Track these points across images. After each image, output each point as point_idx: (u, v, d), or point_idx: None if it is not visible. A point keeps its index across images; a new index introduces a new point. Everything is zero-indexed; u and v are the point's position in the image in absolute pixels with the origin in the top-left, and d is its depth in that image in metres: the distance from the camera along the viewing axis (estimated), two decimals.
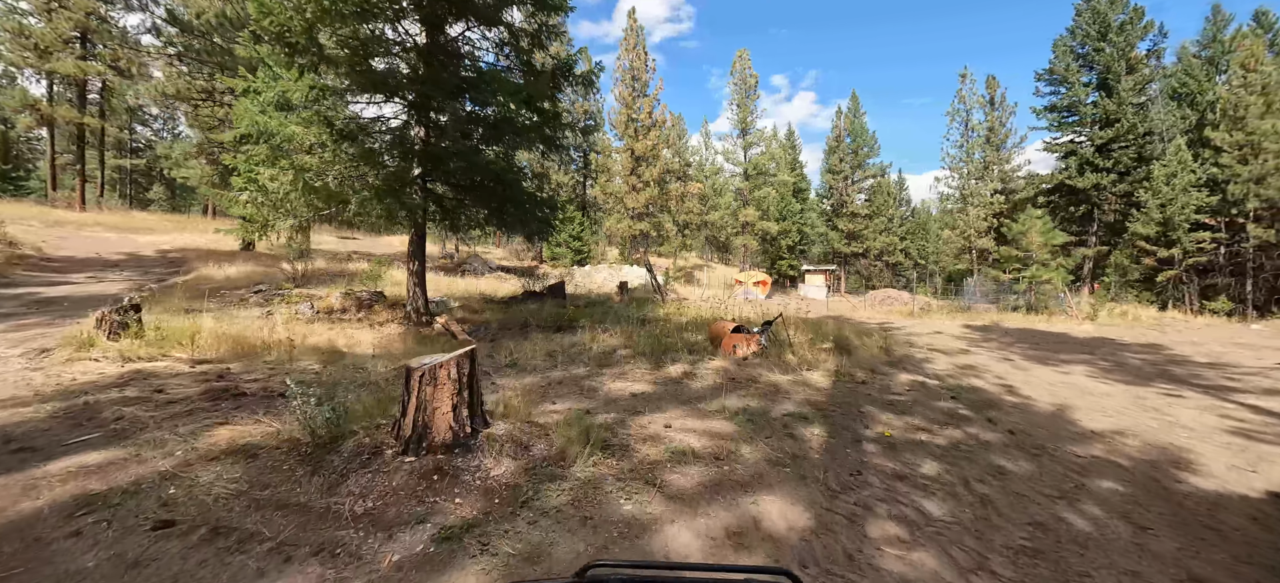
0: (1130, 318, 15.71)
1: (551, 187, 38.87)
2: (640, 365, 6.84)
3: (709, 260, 65.93)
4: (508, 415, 4.01)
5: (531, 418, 4.12)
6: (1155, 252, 27.19)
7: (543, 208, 10.75)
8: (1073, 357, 9.55)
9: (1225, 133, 28.02)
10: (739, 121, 40.04)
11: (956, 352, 9.35)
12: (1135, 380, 7.58)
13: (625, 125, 35.86)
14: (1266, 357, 9.90)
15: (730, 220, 45.43)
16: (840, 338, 8.51)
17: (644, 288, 23.42)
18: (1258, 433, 5.13)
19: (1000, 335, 12.50)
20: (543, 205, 10.78)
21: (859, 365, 7.21)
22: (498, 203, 10.26)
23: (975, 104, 37.89)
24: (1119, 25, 31.11)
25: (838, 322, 15.13)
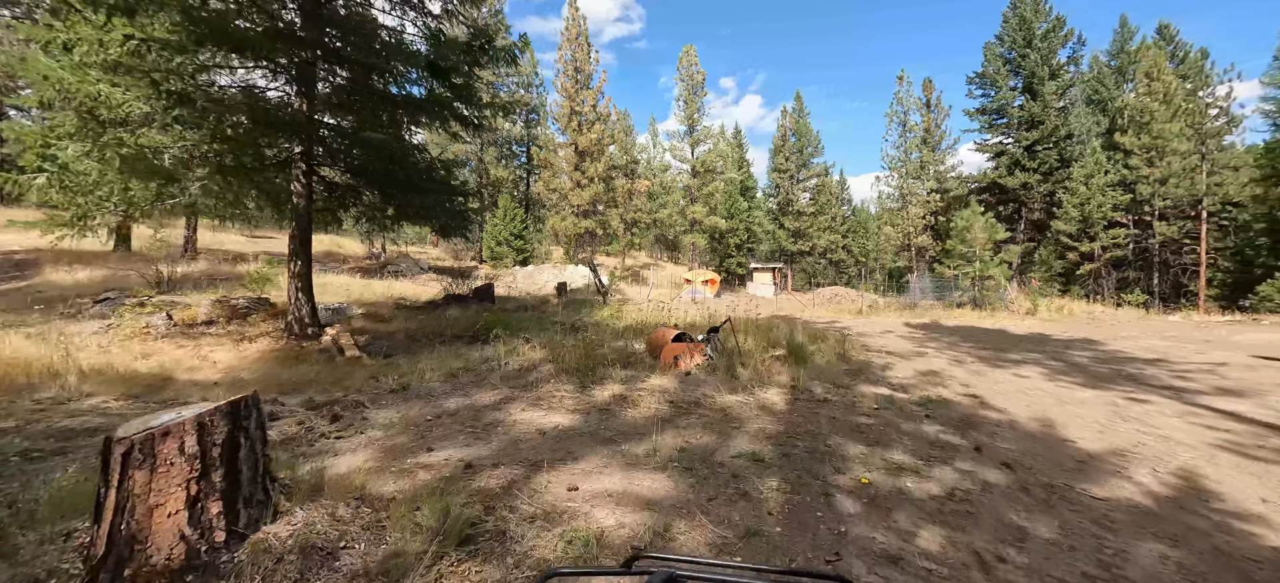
0: (1066, 312, 16.00)
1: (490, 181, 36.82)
2: (563, 387, 5.61)
3: (658, 259, 65.34)
4: (324, 492, 2.67)
5: (368, 489, 2.80)
6: (1077, 247, 28.68)
7: (453, 198, 9.27)
8: (1021, 355, 9.12)
9: (1133, 137, 29.92)
10: (686, 118, 39.42)
11: (912, 354, 8.69)
12: (1096, 383, 7.09)
13: (568, 119, 34.36)
14: (1201, 351, 9.87)
15: (679, 218, 44.80)
16: (794, 345, 7.60)
17: (588, 289, 22.11)
18: (1255, 450, 4.53)
19: (944, 334, 12.13)
20: (451, 194, 9.29)
21: (818, 378, 6.28)
22: (398, 191, 8.71)
23: (912, 106, 39.04)
24: (1042, 33, 32.70)
25: (788, 323, 14.44)
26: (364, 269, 23.46)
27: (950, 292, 17.21)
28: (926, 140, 38.23)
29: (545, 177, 34.71)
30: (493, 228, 34.63)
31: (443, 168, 10.18)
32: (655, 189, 50.87)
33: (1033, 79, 32.73)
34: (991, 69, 34.39)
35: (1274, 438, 4.86)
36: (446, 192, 9.93)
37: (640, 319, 11.16)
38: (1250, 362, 8.66)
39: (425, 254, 39.66)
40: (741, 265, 49.91)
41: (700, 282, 34.41)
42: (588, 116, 34.51)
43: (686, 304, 21.29)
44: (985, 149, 35.80)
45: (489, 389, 5.61)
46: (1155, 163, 28.89)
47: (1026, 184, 33.08)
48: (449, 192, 9.94)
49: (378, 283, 17.07)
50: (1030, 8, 32.96)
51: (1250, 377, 7.43)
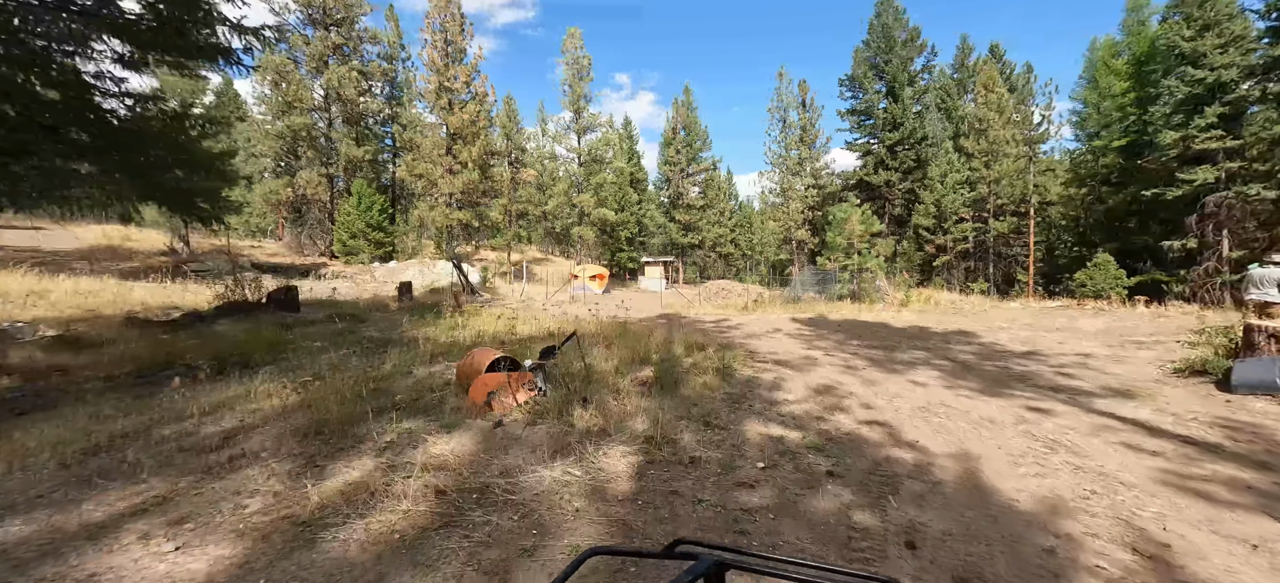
0: (932, 302, 16.52)
1: (339, 159, 31.67)
2: (277, 467, 3.34)
3: (549, 253, 62.47)
4: None
5: None
6: (934, 240, 31.23)
7: (177, 165, 6.37)
8: (911, 355, 8.39)
9: (974, 142, 33.24)
10: (572, 103, 37.18)
11: (802, 362, 7.48)
12: (993, 388, 6.29)
13: (437, 96, 30.49)
14: (1061, 341, 9.97)
15: (567, 210, 42.45)
16: (665, 363, 5.91)
17: (452, 289, 19.17)
18: (1203, 485, 3.59)
19: (831, 331, 11.42)
20: (174, 159, 6.39)
21: (689, 414, 4.60)
22: (78, 156, 5.66)
23: (791, 104, 40.43)
24: (902, 41, 35.23)
25: (670, 324, 13.02)
26: (153, 269, 18.26)
27: (830, 284, 17.14)
28: (804, 138, 39.82)
29: (408, 160, 30.50)
30: (345, 218, 29.77)
31: (189, 128, 7.12)
32: (543, 179, 48.03)
33: (895, 83, 35.19)
34: (859, 72, 36.47)
35: (1207, 461, 4.06)
36: (186, 163, 6.92)
37: (482, 331, 8.92)
38: (1112, 351, 8.69)
39: (260, 249, 33.35)
40: (633, 259, 48.99)
41: (588, 277, 32.53)
42: (459, 93, 30.90)
43: (566, 303, 19.26)
44: (855, 148, 38.02)
45: (123, 486, 3.15)
46: (991, 165, 32.34)
47: (889, 181, 35.57)
48: (186, 163, 6.93)
49: (143, 287, 12.86)
50: (891, 16, 35.36)
51: (1125, 371, 7.14)
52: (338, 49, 32.37)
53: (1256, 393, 5.63)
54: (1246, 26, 23.94)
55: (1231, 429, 4.78)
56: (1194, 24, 24.33)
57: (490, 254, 49.72)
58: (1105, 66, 31.08)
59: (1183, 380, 6.54)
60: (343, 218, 30.05)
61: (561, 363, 5.38)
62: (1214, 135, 23.38)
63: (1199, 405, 5.50)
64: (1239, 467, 3.97)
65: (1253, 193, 22.63)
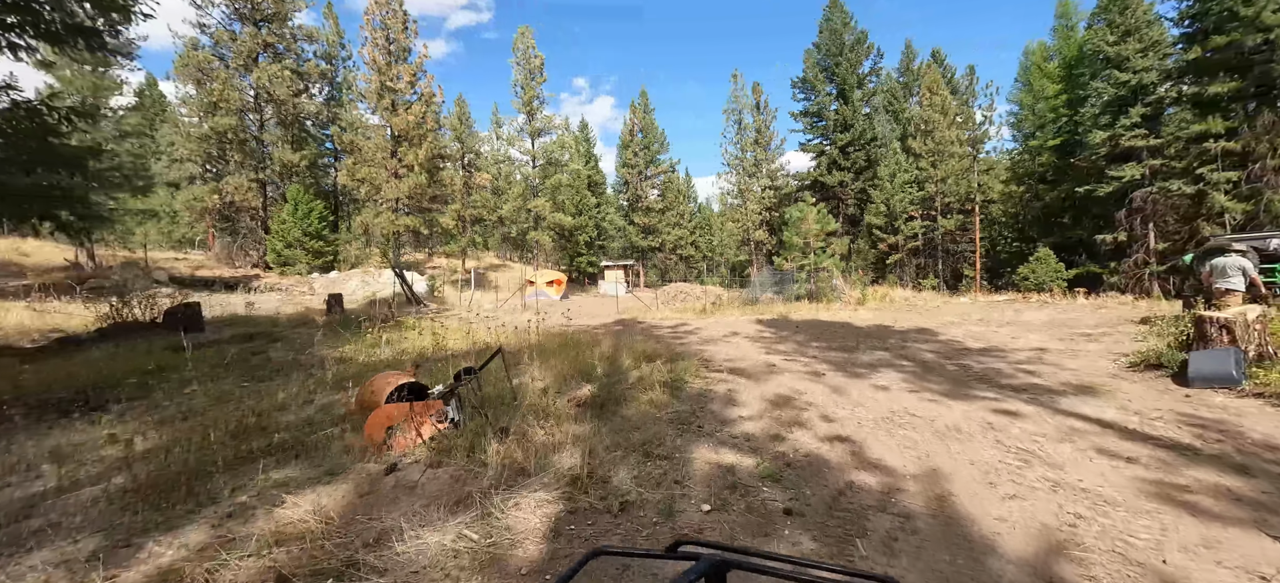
0: (887, 299, 16.57)
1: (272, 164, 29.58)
2: (67, 552, 2.50)
3: (507, 259, 60.85)
4: None
5: None
6: (886, 238, 31.90)
7: (27, 164, 5.33)
8: (873, 356, 8.08)
9: (921, 142, 34.23)
10: (524, 104, 36.12)
11: (761, 370, 6.99)
12: (956, 390, 5.97)
13: (379, 96, 28.90)
14: (1014, 335, 9.94)
15: (522, 213, 41.24)
16: (609, 378, 5.28)
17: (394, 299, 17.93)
18: (1188, 496, 3.25)
19: (793, 332, 11.08)
20: (24, 156, 5.35)
21: (626, 443, 3.98)
22: None
23: (746, 106, 40.70)
24: (850, 45, 35.98)
25: (625, 329, 12.39)
26: (51, 287, 16.23)
27: (789, 284, 16.98)
28: (759, 140, 40.13)
29: (349, 164, 28.76)
30: (280, 226, 27.77)
31: (50, 121, 5.98)
32: (499, 184, 46.57)
33: (844, 86, 35.89)
34: (811, 74, 37.03)
35: (1186, 466, 3.76)
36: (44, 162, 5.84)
37: (420, 346, 8.04)
38: (1064, 344, 8.64)
39: (184, 261, 30.77)
40: (592, 264, 48.16)
41: (545, 283, 31.54)
42: (403, 94, 29.41)
43: (518, 310, 18.34)
44: (808, 149, 38.58)
45: None
46: (938, 165, 33.37)
47: (842, 182, 36.21)
48: (44, 161, 5.85)
49: (24, 310, 11.23)
50: (840, 20, 36.07)
51: (1081, 366, 7.00)
52: (269, 46, 30.27)
53: (1214, 386, 5.51)
54: (1163, 32, 25.51)
55: (1199, 427, 4.56)
56: (1117, 29, 25.73)
57: (444, 261, 47.90)
58: (1038, 70, 32.62)
59: (1138, 374, 6.41)
60: (277, 226, 28.01)
61: (483, 386, 4.65)
62: (1138, 134, 24.74)
63: (1161, 402, 5.31)
64: (1219, 472, 3.68)
65: (1173, 189, 24.05)
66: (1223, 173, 22.57)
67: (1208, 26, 22.90)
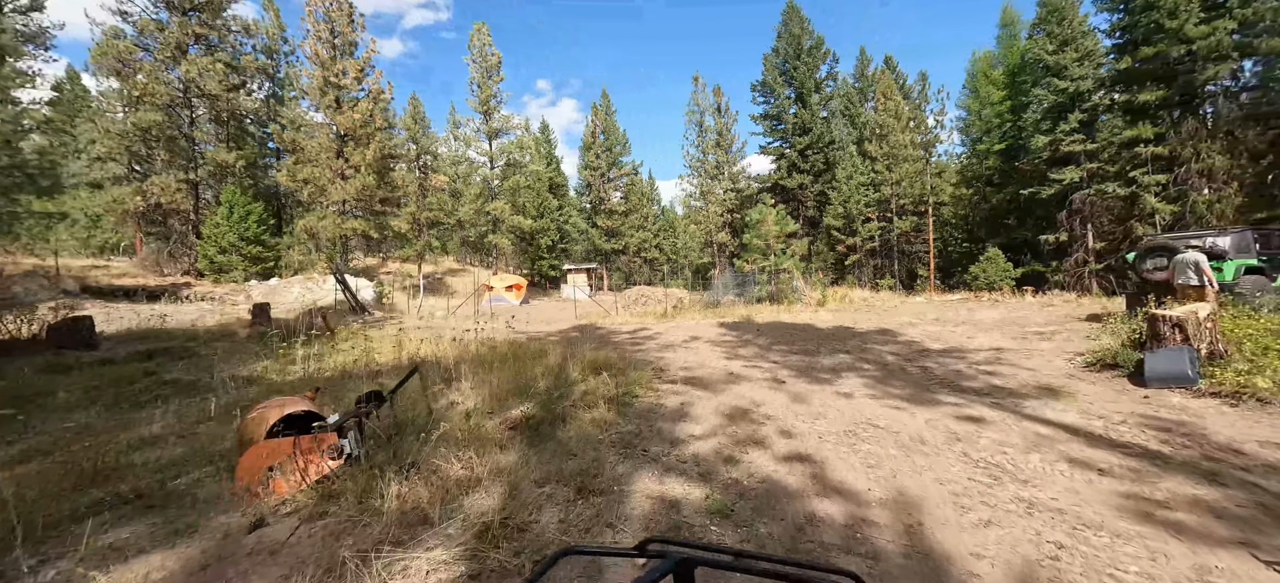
0: (847, 300, 16.61)
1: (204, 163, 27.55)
2: None
3: (466, 264, 59.09)
4: None
5: None
6: (844, 240, 32.42)
7: None
8: (835, 359, 7.82)
9: (876, 146, 35.01)
10: (481, 103, 35.01)
11: (720, 378, 6.58)
12: (919, 396, 5.72)
13: (322, 92, 27.34)
14: (969, 335, 9.92)
15: (481, 217, 40.01)
16: (552, 392, 4.75)
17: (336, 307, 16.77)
18: (1168, 513, 2.99)
19: (755, 335, 10.78)
20: None
21: (561, 471, 3.45)
22: None
23: (707, 109, 40.76)
24: (808, 49, 36.52)
25: (582, 336, 11.84)
26: None
27: (751, 286, 16.79)
28: (720, 143, 40.25)
29: (288, 165, 27.05)
30: (213, 231, 25.84)
31: None
32: (457, 186, 45.07)
33: (803, 90, 36.38)
34: (770, 78, 37.39)
35: (1159, 476, 3.53)
36: None
37: (346, 362, 7.27)
38: (1018, 343, 8.62)
39: (105, 269, 28.27)
40: (554, 268, 47.22)
41: (504, 287, 30.59)
42: (349, 90, 27.93)
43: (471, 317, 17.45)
44: (768, 152, 38.94)
45: None
46: (892, 168, 34.20)
47: (802, 184, 36.68)
48: None
49: None
50: (798, 25, 36.58)
51: (1038, 366, 6.90)
52: (200, 38, 28.19)
53: (1171, 386, 5.43)
54: (1097, 43, 26.86)
55: (1164, 431, 4.39)
56: (1055, 39, 26.93)
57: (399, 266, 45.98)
58: (985, 77, 33.90)
59: (1095, 374, 6.34)
60: (210, 230, 26.02)
61: (403, 409, 4.04)
62: (1076, 139, 25.92)
63: (1121, 403, 5.18)
64: (1193, 481, 3.46)
65: (1109, 191, 25.29)
66: (1152, 176, 23.86)
67: (1137, 37, 24.21)
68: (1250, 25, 22.27)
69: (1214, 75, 22.84)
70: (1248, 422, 4.50)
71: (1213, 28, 21.86)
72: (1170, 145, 23.70)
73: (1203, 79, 22.96)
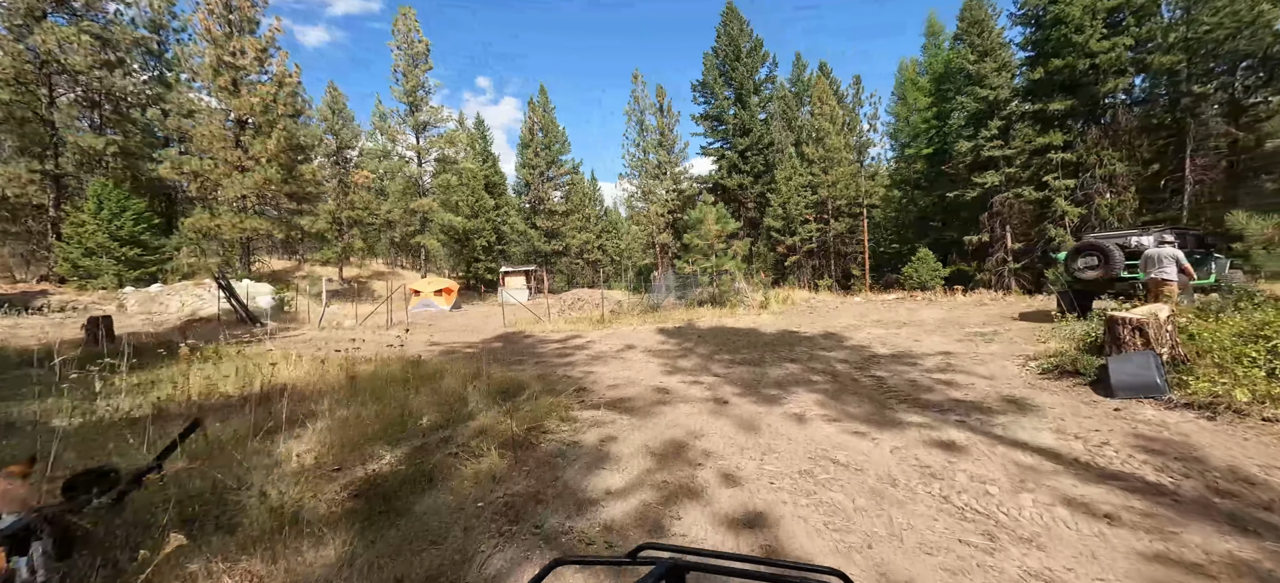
0: (789, 301, 16.22)
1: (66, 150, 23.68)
2: None
3: (396, 267, 55.48)
4: None
5: None
6: (784, 241, 32.62)
7: None
8: (784, 371, 7.05)
9: (813, 149, 35.60)
10: (406, 93, 32.51)
11: (654, 402, 5.58)
12: (880, 415, 4.98)
13: (215, 73, 24.18)
14: (916, 338, 9.54)
15: (410, 216, 37.30)
16: (436, 431, 3.55)
17: (221, 317, 14.44)
18: None
19: (697, 343, 9.92)
20: None
21: (407, 572, 2.28)
22: None
23: (648, 108, 40.10)
24: (747, 51, 36.63)
25: (505, 345, 10.53)
26: None
27: (692, 289, 16.05)
28: (662, 143, 39.71)
29: (171, 154, 23.69)
30: (77, 229, 22.17)
31: None
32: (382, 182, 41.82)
33: (742, 91, 36.45)
34: (710, 78, 37.23)
35: (1181, 523, 2.85)
36: None
37: (169, 395, 5.65)
38: (965, 347, 8.23)
39: None
40: (491, 270, 44.95)
41: (432, 292, 28.39)
42: (248, 72, 24.91)
43: (381, 328, 15.60)
44: (709, 153, 38.79)
45: None
46: (829, 171, 34.86)
47: (742, 185, 36.74)
48: None
49: None
50: (737, 27, 36.63)
51: (993, 373, 6.39)
52: (62, 3, 24.22)
53: (1139, 397, 4.98)
54: (1013, 54, 28.40)
55: (1154, 455, 3.82)
56: (976, 50, 28.22)
57: (320, 270, 42.15)
58: (912, 84, 35.23)
59: (1054, 382, 5.87)
60: (71, 230, 22.30)
61: (194, 478, 2.72)
62: (995, 145, 27.22)
63: (1094, 419, 4.63)
64: (1218, 529, 2.81)
65: (1024, 195, 26.72)
66: (1062, 181, 25.36)
67: (1048, 50, 25.70)
68: (1144, 43, 24.15)
69: (1114, 87, 24.60)
70: (1235, 440, 4.01)
71: (1114, 43, 23.49)
72: (1077, 152, 25.31)
73: (1104, 90, 24.67)
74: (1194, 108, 24.71)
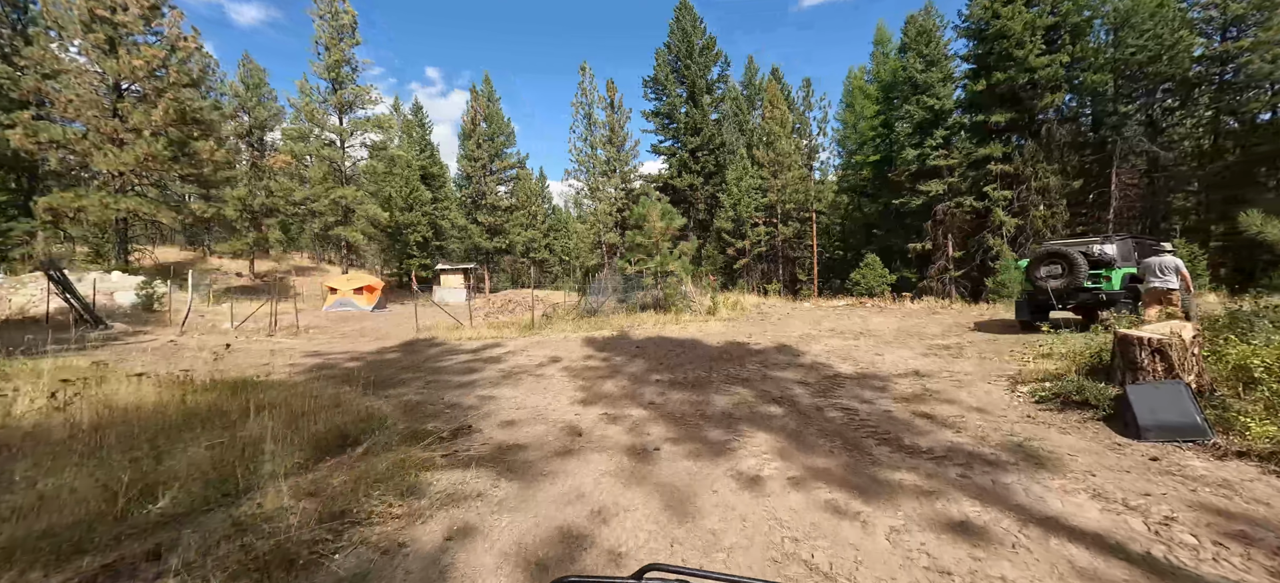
0: (739, 307, 15.12)
1: None
2: None
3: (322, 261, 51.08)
4: None
5: None
6: (734, 243, 31.89)
7: None
8: (732, 398, 5.71)
9: (763, 152, 35.15)
10: (329, 69, 29.36)
11: (552, 453, 4.05)
12: (859, 474, 3.70)
13: (87, 28, 20.57)
14: (877, 350, 8.51)
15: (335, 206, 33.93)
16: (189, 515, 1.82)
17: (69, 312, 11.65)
18: None
19: (631, 357, 8.47)
20: None
21: None
22: None
23: (597, 102, 38.48)
24: (700, 48, 35.76)
25: (403, 357, 8.66)
26: None
27: (635, 291, 14.65)
28: (612, 139, 38.22)
29: (25, 119, 19.88)
30: None
31: None
32: (303, 167, 37.94)
33: (694, 89, 35.53)
34: (662, 74, 36.11)
35: None
36: None
37: None
38: (934, 362, 7.20)
39: None
40: (427, 267, 41.89)
41: (352, 290, 25.59)
42: (133, 33, 21.40)
43: (258, 332, 13.18)
44: (660, 151, 37.65)
45: None
46: (779, 175, 34.50)
47: (692, 185, 35.81)
48: None
49: None
50: (689, 22, 35.69)
51: (980, 402, 5.29)
52: None
53: (1176, 440, 3.96)
54: (955, 66, 28.86)
55: (1244, 541, 2.68)
56: (923, 60, 28.48)
57: (227, 263, 37.80)
58: (860, 92, 35.45)
59: (1058, 415, 4.80)
60: None
61: None
62: (940, 155, 27.50)
63: (1136, 477, 3.51)
64: None
65: (966, 204, 27.11)
66: (1001, 192, 25.84)
67: (990, 63, 26.15)
68: (1078, 61, 24.95)
69: (1050, 103, 25.28)
70: None
71: (1052, 60, 24.07)
72: (1015, 164, 25.85)
73: (1042, 105, 25.31)
74: (1119, 125, 25.81)
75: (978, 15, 26.48)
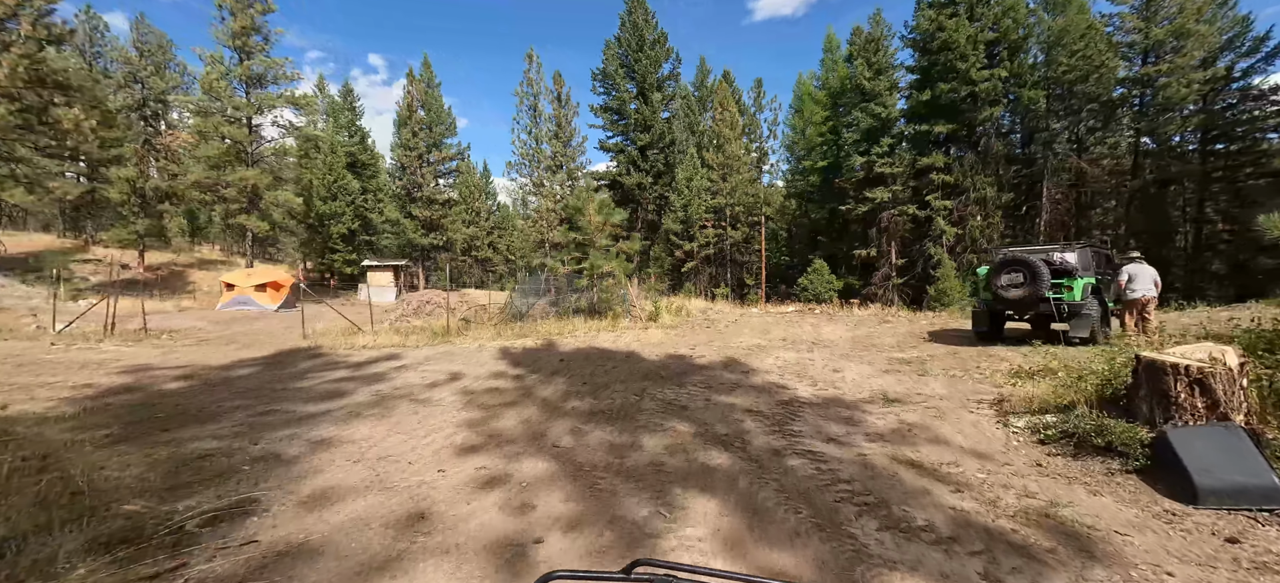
0: (684, 313, 13.95)
1: None
2: None
3: (233, 254, 46.20)
4: None
5: None
6: (682, 245, 30.95)
7: None
8: (663, 444, 4.40)
9: (714, 154, 34.50)
10: (234, 36, 25.99)
11: (364, 561, 2.53)
12: (835, 568, 2.41)
13: None
14: (834, 365, 7.48)
15: (241, 192, 30.20)
16: None
17: None
18: None
19: (548, 376, 7.00)
20: None
21: None
22: None
23: (544, 94, 36.59)
24: (651, 42, 34.68)
25: (259, 371, 6.79)
26: None
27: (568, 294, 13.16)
28: (558, 134, 36.44)
29: None
30: None
31: None
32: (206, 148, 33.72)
33: (645, 85, 34.41)
34: (612, 68, 34.76)
35: None
36: None
37: None
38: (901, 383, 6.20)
39: None
40: (351, 263, 38.42)
41: (252, 287, 22.56)
42: None
43: (94, 338, 10.76)
44: (608, 147, 36.28)
45: None
46: (728, 178, 33.92)
47: (641, 184, 34.66)
48: None
49: None
50: (641, 16, 34.56)
51: (974, 439, 4.22)
52: None
53: (1245, 506, 2.99)
54: (900, 76, 29.20)
55: None
56: (871, 67, 28.61)
57: (113, 253, 33.04)
58: (809, 98, 35.48)
59: (1075, 464, 3.77)
60: None
61: None
62: (886, 162, 27.65)
63: (1222, 575, 2.47)
64: None
65: (909, 212, 27.38)
66: (942, 201, 26.20)
67: (935, 75, 26.50)
68: (1015, 77, 25.66)
69: (989, 117, 25.87)
70: None
71: (991, 74, 24.57)
72: (955, 175, 26.29)
73: (981, 119, 25.86)
74: (1050, 141, 26.79)
75: (924, 26, 26.80)
